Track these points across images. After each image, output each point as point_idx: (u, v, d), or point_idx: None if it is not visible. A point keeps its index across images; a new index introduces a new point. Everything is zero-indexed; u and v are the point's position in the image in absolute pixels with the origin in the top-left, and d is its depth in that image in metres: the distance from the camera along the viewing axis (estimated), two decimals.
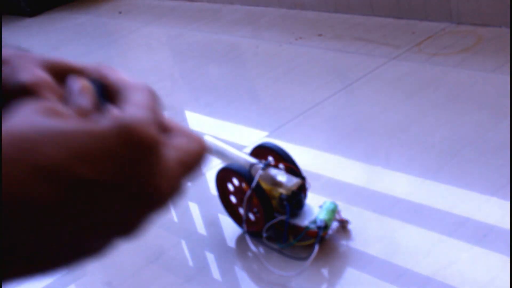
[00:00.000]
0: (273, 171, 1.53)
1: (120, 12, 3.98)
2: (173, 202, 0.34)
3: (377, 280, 1.41)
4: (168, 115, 0.38)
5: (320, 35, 2.79)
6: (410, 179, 1.73)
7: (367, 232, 1.56)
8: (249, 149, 2.17)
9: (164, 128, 0.36)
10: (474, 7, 2.45)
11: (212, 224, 1.84)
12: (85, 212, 0.29)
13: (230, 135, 2.27)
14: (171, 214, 1.99)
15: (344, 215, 1.61)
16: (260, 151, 1.66)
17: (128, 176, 0.30)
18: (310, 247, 1.41)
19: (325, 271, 1.49)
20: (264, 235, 1.44)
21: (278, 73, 2.57)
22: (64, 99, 0.32)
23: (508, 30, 2.31)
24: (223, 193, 1.67)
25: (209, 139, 1.61)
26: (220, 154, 1.58)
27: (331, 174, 1.87)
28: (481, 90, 2.04)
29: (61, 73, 0.36)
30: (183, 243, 1.82)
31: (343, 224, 1.44)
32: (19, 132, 0.28)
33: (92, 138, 0.29)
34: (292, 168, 1.57)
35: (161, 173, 0.32)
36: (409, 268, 1.40)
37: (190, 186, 2.05)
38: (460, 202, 1.57)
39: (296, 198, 1.44)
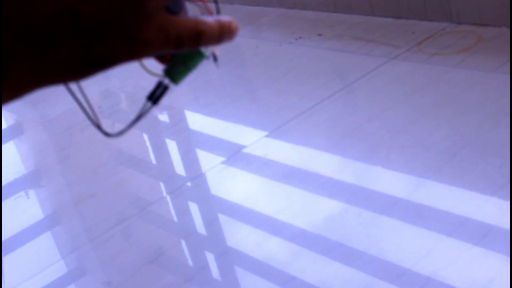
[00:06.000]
0: None
1: None
2: (156, 51, 0.39)
3: (377, 280, 1.41)
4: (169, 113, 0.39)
5: (320, 35, 2.79)
6: (410, 179, 1.73)
7: (367, 232, 1.56)
8: (249, 149, 2.18)
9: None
10: (474, 7, 2.45)
11: (212, 224, 1.84)
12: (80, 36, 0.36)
13: (230, 135, 2.27)
14: (171, 214, 1.99)
15: (344, 214, 1.61)
16: None
17: (117, 16, 0.36)
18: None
19: (325, 271, 1.49)
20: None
21: (278, 73, 2.57)
22: None
23: (508, 30, 2.31)
24: None
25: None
26: None
27: (331, 174, 1.87)
28: (481, 90, 2.04)
29: None
30: (183, 243, 1.82)
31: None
32: None
33: None
34: None
35: (147, 24, 0.37)
36: (409, 268, 1.41)
37: (190, 187, 2.05)
38: (460, 202, 1.57)
39: None
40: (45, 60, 0.37)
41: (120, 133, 0.47)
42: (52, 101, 2.80)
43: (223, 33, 0.42)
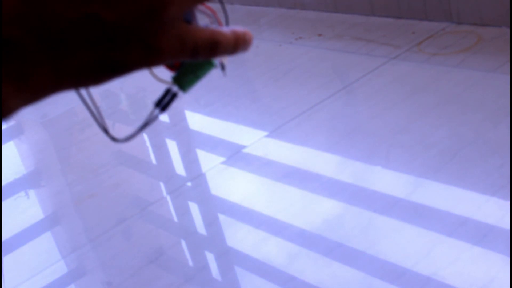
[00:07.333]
0: None
1: None
2: (172, 59, 0.39)
3: (377, 280, 1.41)
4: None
5: (320, 35, 2.79)
6: (410, 179, 1.73)
7: (367, 232, 1.56)
8: (249, 149, 2.18)
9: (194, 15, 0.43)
10: (474, 7, 2.45)
11: (212, 224, 1.84)
12: (99, 42, 0.37)
13: (230, 135, 2.27)
14: (171, 214, 1.99)
15: (344, 215, 1.61)
16: None
17: (137, 23, 0.36)
18: None
19: (325, 271, 1.49)
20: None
21: (278, 73, 2.57)
22: None
23: (508, 30, 2.31)
24: None
25: None
26: None
27: (331, 174, 1.87)
28: (481, 90, 2.04)
29: None
30: (183, 243, 1.82)
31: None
32: None
33: None
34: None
35: (165, 33, 0.38)
36: (409, 268, 1.40)
37: (190, 187, 2.05)
38: (460, 202, 1.57)
39: None
40: (64, 64, 0.37)
41: (127, 138, 0.47)
42: (52, 101, 2.80)
43: (238, 44, 0.42)
